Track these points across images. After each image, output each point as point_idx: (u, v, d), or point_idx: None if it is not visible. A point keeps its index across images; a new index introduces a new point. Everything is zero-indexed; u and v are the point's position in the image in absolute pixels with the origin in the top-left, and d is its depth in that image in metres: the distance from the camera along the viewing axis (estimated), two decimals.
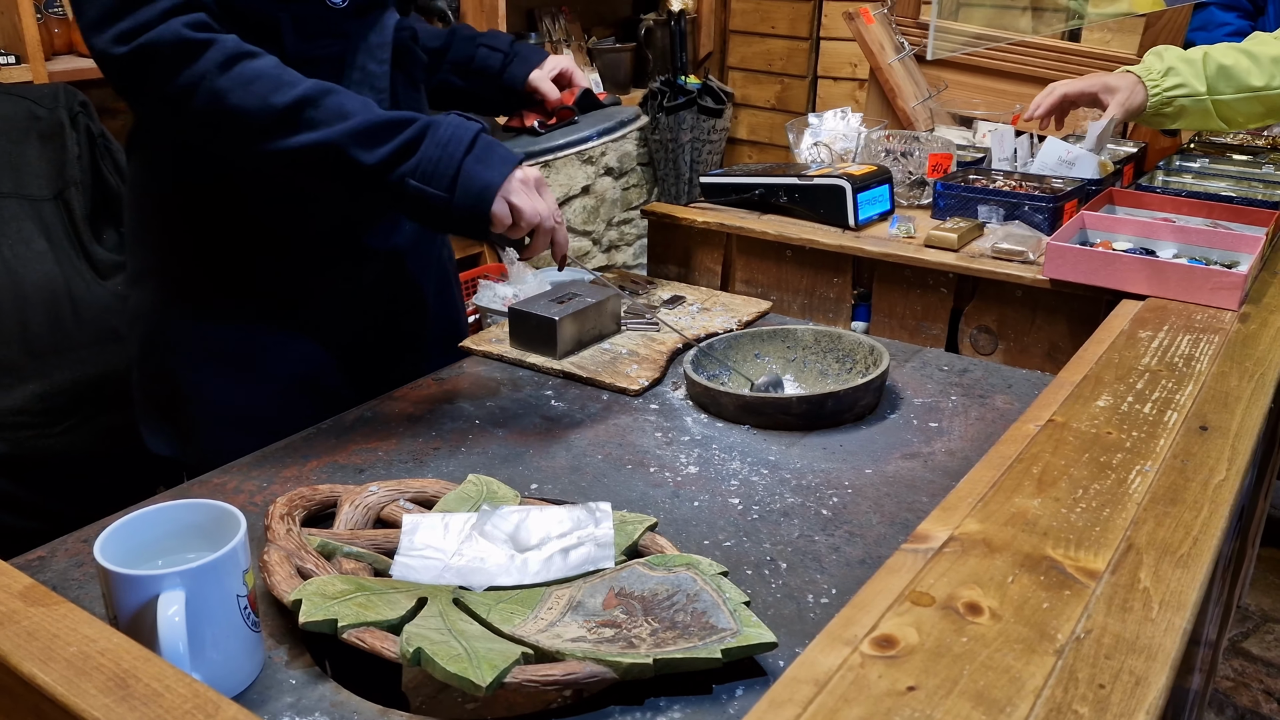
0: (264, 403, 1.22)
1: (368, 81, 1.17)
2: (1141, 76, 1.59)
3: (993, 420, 1.17)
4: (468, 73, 1.39)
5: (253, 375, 1.22)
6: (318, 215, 1.21)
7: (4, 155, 1.85)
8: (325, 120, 1.02)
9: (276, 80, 1.02)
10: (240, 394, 1.22)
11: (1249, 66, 1.51)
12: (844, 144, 1.97)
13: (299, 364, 1.24)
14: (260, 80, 1.01)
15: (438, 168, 1.04)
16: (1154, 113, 1.59)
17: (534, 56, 1.39)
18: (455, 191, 1.05)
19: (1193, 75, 1.54)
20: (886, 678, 0.64)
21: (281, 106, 1.01)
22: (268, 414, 1.21)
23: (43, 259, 1.82)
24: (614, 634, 0.75)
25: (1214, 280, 1.29)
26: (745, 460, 1.08)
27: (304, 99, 1.02)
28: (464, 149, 1.05)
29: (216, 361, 1.22)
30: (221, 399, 1.22)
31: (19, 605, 0.68)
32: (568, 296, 1.35)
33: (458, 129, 1.06)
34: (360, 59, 1.16)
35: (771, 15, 4.13)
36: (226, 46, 1.01)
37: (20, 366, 1.69)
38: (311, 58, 1.12)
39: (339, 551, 0.86)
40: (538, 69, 1.38)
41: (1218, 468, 0.91)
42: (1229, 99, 1.54)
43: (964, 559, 0.77)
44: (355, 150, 1.03)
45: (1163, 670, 0.65)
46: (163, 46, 0.99)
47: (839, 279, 1.55)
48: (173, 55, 0.99)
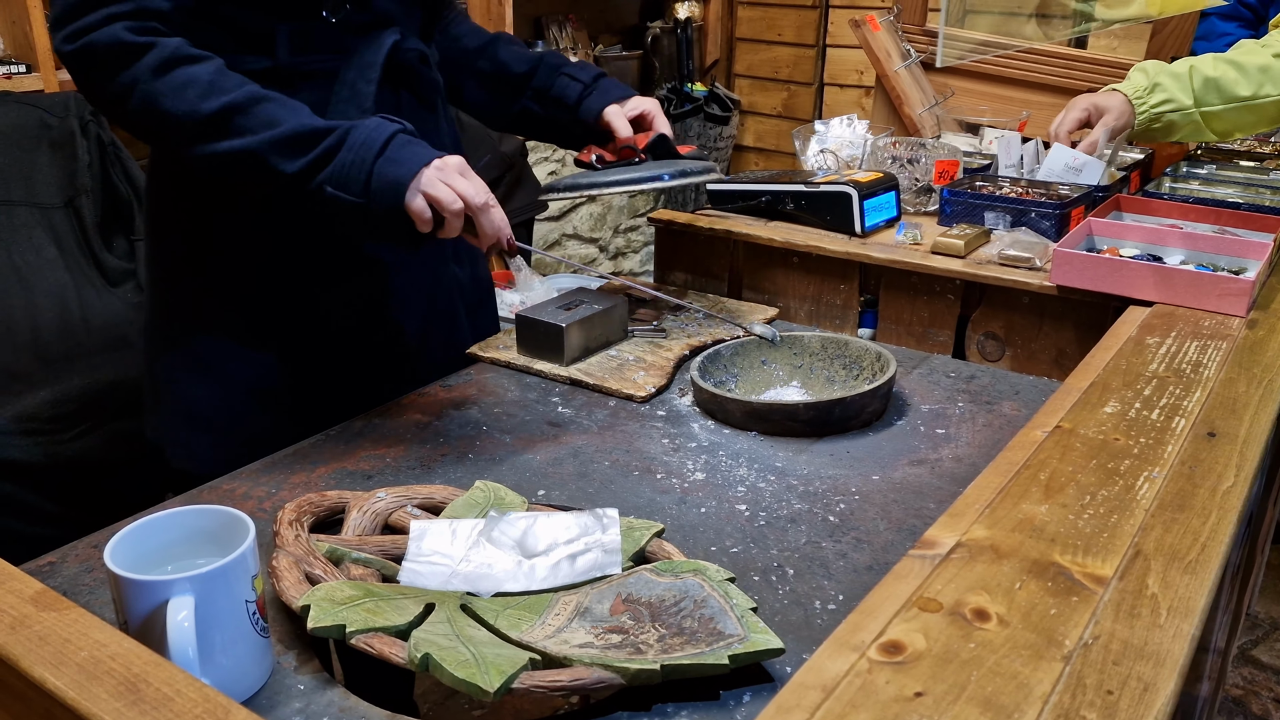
0: (222, 405, 1.23)
1: (355, 100, 1.15)
2: (1128, 95, 1.60)
3: (1000, 427, 1.17)
4: (546, 100, 1.38)
5: (214, 378, 1.23)
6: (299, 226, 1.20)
7: (15, 164, 1.86)
8: (251, 128, 1.03)
9: (209, 86, 1.02)
10: (202, 394, 1.23)
11: (1236, 77, 1.51)
12: (850, 151, 1.97)
13: (261, 371, 1.23)
14: (193, 85, 1.02)
15: (350, 172, 1.03)
16: (1143, 129, 1.59)
17: (615, 91, 1.38)
18: (370, 195, 1.03)
19: (1179, 90, 1.54)
20: (894, 683, 0.64)
21: (208, 112, 1.02)
22: (224, 417, 1.23)
23: (53, 266, 1.83)
24: (621, 640, 0.76)
25: (1221, 286, 1.29)
26: (752, 466, 1.08)
27: (232, 106, 1.02)
28: (375, 151, 1.04)
29: (182, 359, 1.24)
30: (184, 397, 1.24)
31: (30, 610, 0.68)
32: (575, 304, 1.35)
33: (372, 132, 1.04)
34: (350, 75, 1.15)
35: (778, 23, 4.14)
36: (165, 50, 1.02)
37: (31, 373, 1.70)
38: (304, 71, 1.13)
39: (347, 557, 0.86)
40: (616, 104, 1.37)
41: (1226, 474, 0.91)
42: (1218, 110, 1.54)
43: (971, 565, 0.77)
44: (275, 158, 1.03)
45: (1171, 676, 0.65)
46: (100, 48, 1.01)
47: (845, 286, 1.55)
48: (110, 57, 1.02)
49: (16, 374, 1.69)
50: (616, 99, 1.37)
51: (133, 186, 2.04)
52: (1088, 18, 2.36)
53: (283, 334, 1.23)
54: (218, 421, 1.23)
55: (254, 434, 1.19)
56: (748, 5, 4.21)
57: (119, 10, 1.01)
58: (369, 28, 1.16)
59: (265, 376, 1.23)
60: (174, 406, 1.25)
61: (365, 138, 1.04)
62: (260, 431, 1.19)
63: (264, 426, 1.21)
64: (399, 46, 1.18)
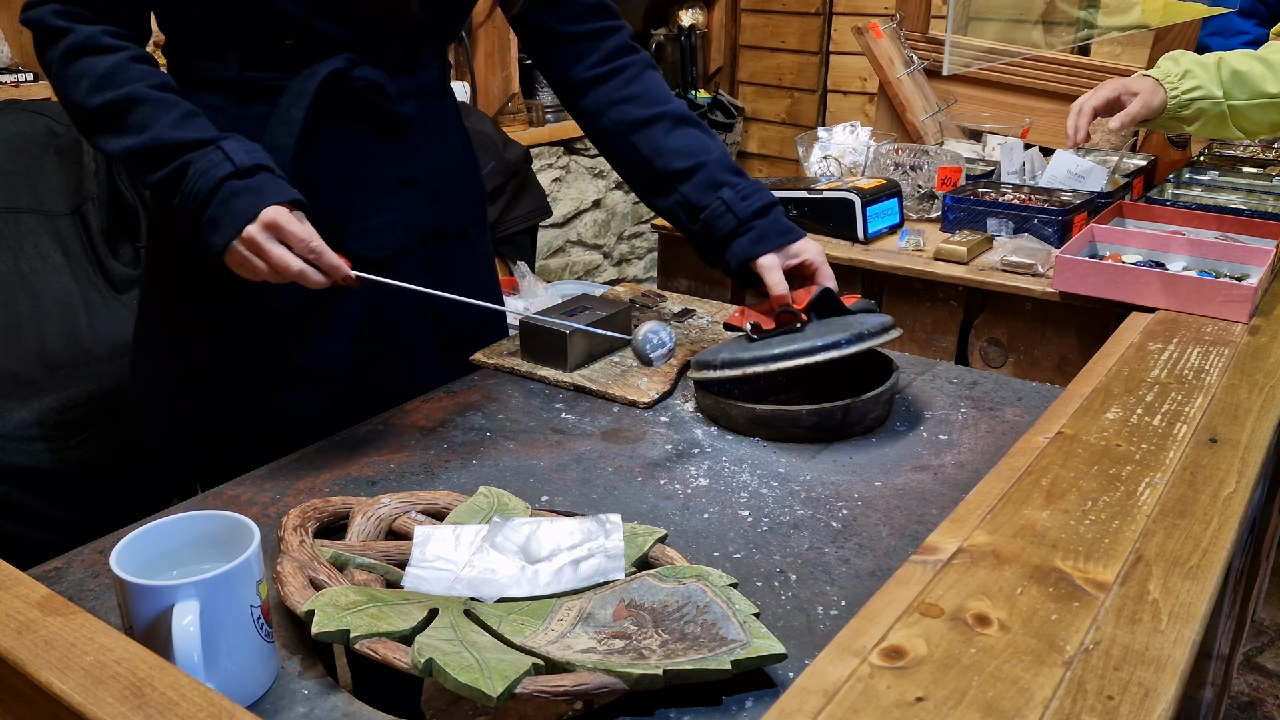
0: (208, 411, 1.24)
1: (284, 126, 1.12)
2: (1160, 79, 1.58)
3: (1003, 433, 1.18)
4: (693, 215, 1.26)
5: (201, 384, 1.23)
6: None
7: (22, 171, 1.87)
8: (124, 130, 1.04)
9: (101, 80, 1.04)
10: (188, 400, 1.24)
11: (1264, 73, 1.51)
12: (853, 158, 1.98)
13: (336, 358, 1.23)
14: (87, 77, 1.04)
15: (185, 217, 1.04)
16: (1172, 115, 1.58)
17: (772, 237, 1.22)
18: (202, 242, 1.04)
19: (1209, 79, 1.54)
20: (895, 688, 0.64)
21: (91, 107, 1.04)
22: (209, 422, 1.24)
23: (59, 273, 1.84)
24: (624, 645, 0.76)
25: (1224, 293, 1.30)
26: (755, 472, 1.09)
27: (113, 104, 1.03)
28: (201, 202, 1.02)
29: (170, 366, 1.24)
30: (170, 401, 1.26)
31: (37, 615, 0.68)
32: (578, 309, 1.35)
33: (202, 178, 1.02)
34: (285, 100, 1.13)
35: (781, 30, 4.15)
36: (77, 37, 1.04)
37: (37, 380, 1.71)
38: (256, 85, 1.13)
39: (351, 563, 0.87)
40: (773, 253, 1.22)
41: (1227, 480, 0.91)
42: (1243, 105, 1.54)
43: (973, 570, 0.77)
44: (139, 168, 1.05)
45: (1172, 682, 0.65)
46: (34, 27, 1.06)
47: (848, 292, 1.56)
48: (38, 38, 1.07)
49: (23, 380, 1.70)
50: (774, 247, 1.22)
51: (139, 194, 2.05)
52: (1090, 25, 2.36)
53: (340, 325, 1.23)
54: (204, 427, 1.24)
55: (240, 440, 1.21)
56: (751, 12, 4.22)
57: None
58: (317, 54, 1.12)
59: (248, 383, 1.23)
60: (160, 409, 1.26)
61: (195, 184, 1.03)
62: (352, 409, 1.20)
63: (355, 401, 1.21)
64: (345, 74, 1.13)
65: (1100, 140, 2.18)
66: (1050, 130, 2.28)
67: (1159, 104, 1.57)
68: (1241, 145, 2.20)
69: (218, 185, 1.02)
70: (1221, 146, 2.19)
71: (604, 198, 3.91)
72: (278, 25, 1.10)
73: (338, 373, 1.25)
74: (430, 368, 1.32)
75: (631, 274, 4.12)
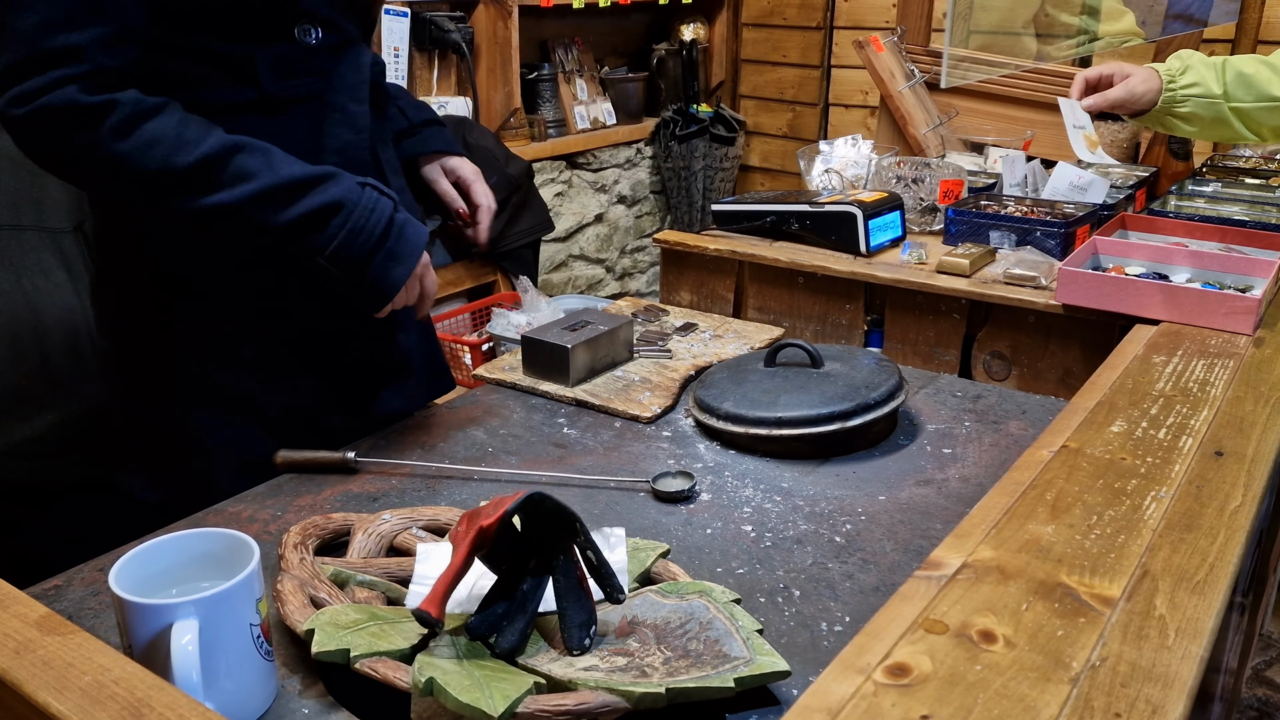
0: (258, 444, 1.17)
1: (348, 122, 1.15)
2: (1159, 71, 1.57)
3: (1007, 446, 1.17)
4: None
5: (249, 416, 1.19)
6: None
7: (25, 188, 1.87)
8: (229, 181, 1.01)
9: (178, 140, 1.00)
10: (235, 436, 1.19)
11: (1270, 76, 1.50)
12: (855, 171, 1.98)
13: (290, 402, 1.20)
14: (161, 142, 0.99)
15: (348, 254, 1.06)
16: (1165, 110, 1.56)
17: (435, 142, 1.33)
18: (362, 281, 1.08)
19: (1210, 78, 1.53)
20: (900, 706, 0.64)
21: (183, 168, 1.00)
22: (263, 454, 1.16)
23: (62, 290, 1.84)
24: (626, 663, 0.75)
25: (1228, 305, 1.29)
26: (758, 487, 1.08)
27: (206, 159, 1.00)
28: (376, 238, 1.07)
29: (214, 403, 1.19)
30: (220, 442, 1.19)
31: (35, 634, 0.68)
32: (580, 324, 1.35)
33: (371, 215, 1.06)
34: (339, 99, 1.14)
35: (783, 44, 4.16)
36: (125, 109, 0.98)
37: (40, 396, 1.71)
38: (290, 96, 1.12)
39: (352, 580, 0.86)
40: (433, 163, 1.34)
41: (1234, 493, 0.90)
42: (1248, 107, 1.52)
43: (977, 586, 0.77)
44: (261, 214, 1.03)
45: (1180, 698, 0.65)
46: (55, 111, 0.96)
47: (851, 305, 1.55)
48: (66, 120, 0.97)
49: (24, 397, 1.70)
50: (433, 149, 1.33)
51: None
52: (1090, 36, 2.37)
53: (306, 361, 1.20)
54: (260, 457, 1.17)
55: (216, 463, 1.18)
56: (752, 27, 4.23)
57: (72, 73, 0.96)
58: (343, 47, 1.15)
59: (296, 405, 1.20)
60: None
61: (365, 222, 1.06)
62: (224, 461, 1.17)
63: (228, 457, 1.18)
64: (372, 61, 1.18)
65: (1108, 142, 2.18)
66: (1052, 142, 2.28)
67: (1147, 96, 1.54)
68: (1244, 157, 2.20)
69: (390, 219, 1.08)
70: (1224, 158, 2.19)
71: (606, 212, 3.92)
72: (300, 24, 1.10)
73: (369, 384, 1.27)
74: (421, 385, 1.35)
75: (634, 288, 4.12)
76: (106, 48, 0.97)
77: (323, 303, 1.16)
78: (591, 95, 3.79)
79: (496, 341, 2.76)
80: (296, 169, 1.05)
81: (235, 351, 1.17)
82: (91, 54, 0.96)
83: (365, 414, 1.25)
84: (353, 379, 1.24)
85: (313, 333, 1.19)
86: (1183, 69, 1.55)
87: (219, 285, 1.16)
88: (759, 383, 1.20)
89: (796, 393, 1.16)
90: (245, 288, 1.16)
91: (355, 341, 1.22)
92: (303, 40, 1.10)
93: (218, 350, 1.17)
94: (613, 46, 4.06)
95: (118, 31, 0.98)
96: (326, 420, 1.22)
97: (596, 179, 3.84)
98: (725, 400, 1.17)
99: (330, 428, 1.22)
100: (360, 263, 1.07)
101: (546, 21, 3.67)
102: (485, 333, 2.82)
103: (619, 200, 3.97)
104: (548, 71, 3.62)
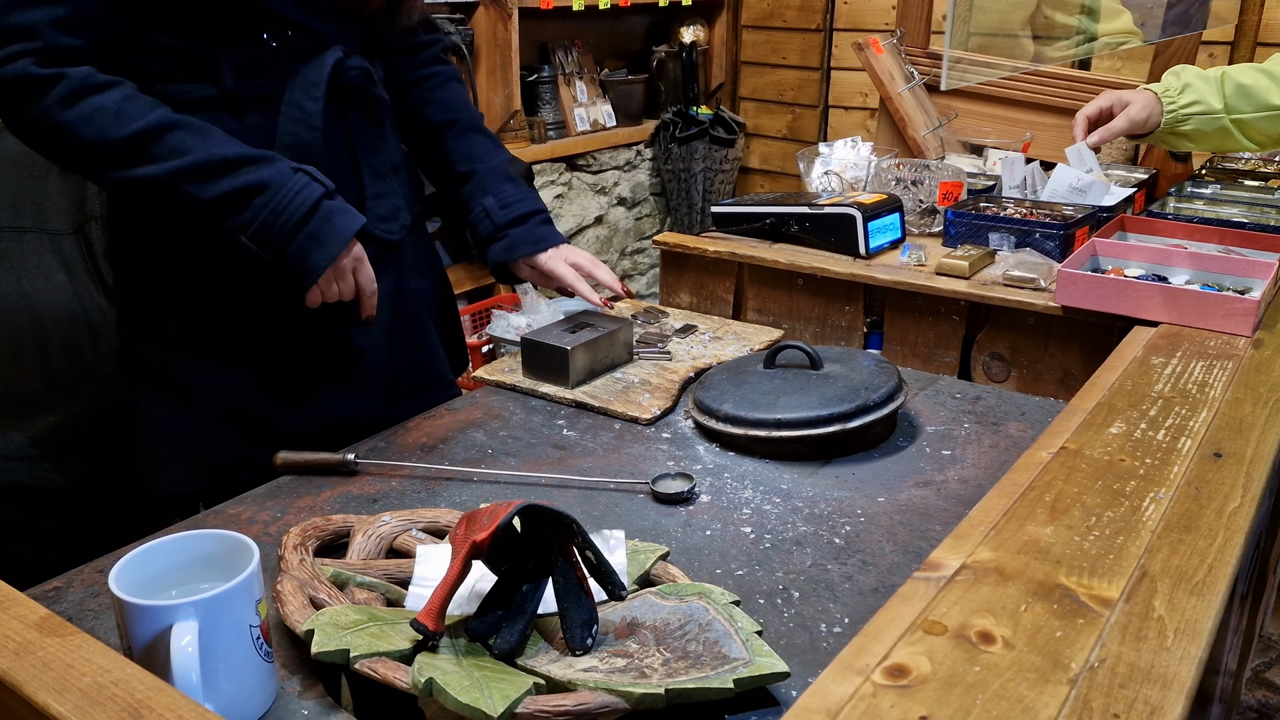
0: (195, 431, 1.23)
1: (303, 120, 1.16)
2: (1158, 94, 1.58)
3: (1006, 448, 1.17)
4: (465, 219, 1.39)
5: (185, 403, 1.23)
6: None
7: (26, 190, 1.87)
8: (163, 154, 1.06)
9: (118, 114, 1.05)
10: (175, 422, 1.23)
11: (1269, 85, 1.50)
12: (854, 173, 1.98)
13: (231, 393, 1.23)
14: (102, 114, 1.05)
15: (268, 234, 1.09)
16: (1169, 130, 1.57)
17: (524, 245, 1.35)
18: (282, 260, 1.10)
19: (1210, 93, 1.53)
20: (899, 707, 0.64)
21: (118, 140, 1.05)
22: (197, 441, 1.23)
23: (62, 292, 1.84)
24: (626, 664, 0.75)
25: (1227, 306, 1.29)
26: (757, 489, 1.08)
27: (142, 133, 1.05)
28: (296, 222, 1.09)
29: (153, 388, 1.24)
30: (157, 426, 1.24)
31: (35, 635, 0.68)
32: (580, 326, 1.35)
33: (295, 197, 1.09)
34: (295, 95, 1.16)
35: (782, 46, 4.16)
36: (73, 81, 1.05)
37: (40, 399, 1.71)
38: (250, 96, 1.15)
39: (352, 581, 0.86)
40: (522, 261, 1.36)
41: (1232, 494, 0.90)
42: (1249, 118, 1.53)
43: (976, 587, 0.77)
44: (190, 186, 1.07)
45: (1178, 700, 0.65)
46: (11, 81, 1.04)
47: (851, 307, 1.56)
48: (18, 91, 1.04)
49: (25, 399, 1.70)
50: (523, 254, 1.35)
51: None
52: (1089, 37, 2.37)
53: (250, 353, 1.22)
54: (194, 444, 1.23)
55: (231, 455, 1.21)
56: (752, 29, 4.24)
57: (27, 47, 1.03)
58: (311, 51, 1.17)
59: (236, 397, 1.23)
60: (151, 432, 1.25)
61: (289, 201, 1.08)
62: (236, 452, 1.21)
63: (240, 447, 1.21)
64: (341, 65, 1.18)
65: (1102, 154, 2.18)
66: (1051, 144, 2.28)
67: (1150, 121, 1.56)
68: (1243, 158, 2.20)
69: (316, 203, 1.10)
70: (1223, 160, 2.19)
71: (606, 214, 3.92)
72: (270, 28, 1.13)
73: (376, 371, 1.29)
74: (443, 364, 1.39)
75: (634, 289, 4.12)
76: (62, 26, 1.04)
77: (253, 290, 1.19)
78: (591, 97, 3.80)
79: (496, 343, 2.76)
80: (230, 149, 1.08)
81: (170, 334, 1.23)
82: (46, 32, 1.04)
83: (304, 411, 1.24)
84: (285, 372, 1.24)
85: (243, 320, 1.21)
86: (1181, 88, 1.55)
87: (157, 268, 1.21)
88: (758, 384, 1.20)
89: (796, 394, 1.16)
90: (179, 271, 1.20)
91: (287, 332, 1.22)
92: (270, 43, 1.13)
93: (157, 334, 1.23)
94: (612, 48, 4.06)
95: (72, 14, 1.05)
96: (259, 412, 1.23)
97: (596, 181, 3.84)
98: (725, 402, 1.17)
99: (266, 422, 1.23)
100: (280, 244, 1.09)
101: (546, 23, 3.68)
102: (485, 334, 2.82)
103: (619, 202, 3.98)
104: (547, 73, 3.63)
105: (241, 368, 1.22)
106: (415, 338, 1.35)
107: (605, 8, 3.61)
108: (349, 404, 1.26)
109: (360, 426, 1.23)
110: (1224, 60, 3.28)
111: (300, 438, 1.17)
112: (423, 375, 1.34)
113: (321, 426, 1.22)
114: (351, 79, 1.19)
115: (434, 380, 1.36)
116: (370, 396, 1.28)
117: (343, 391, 1.26)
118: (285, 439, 1.15)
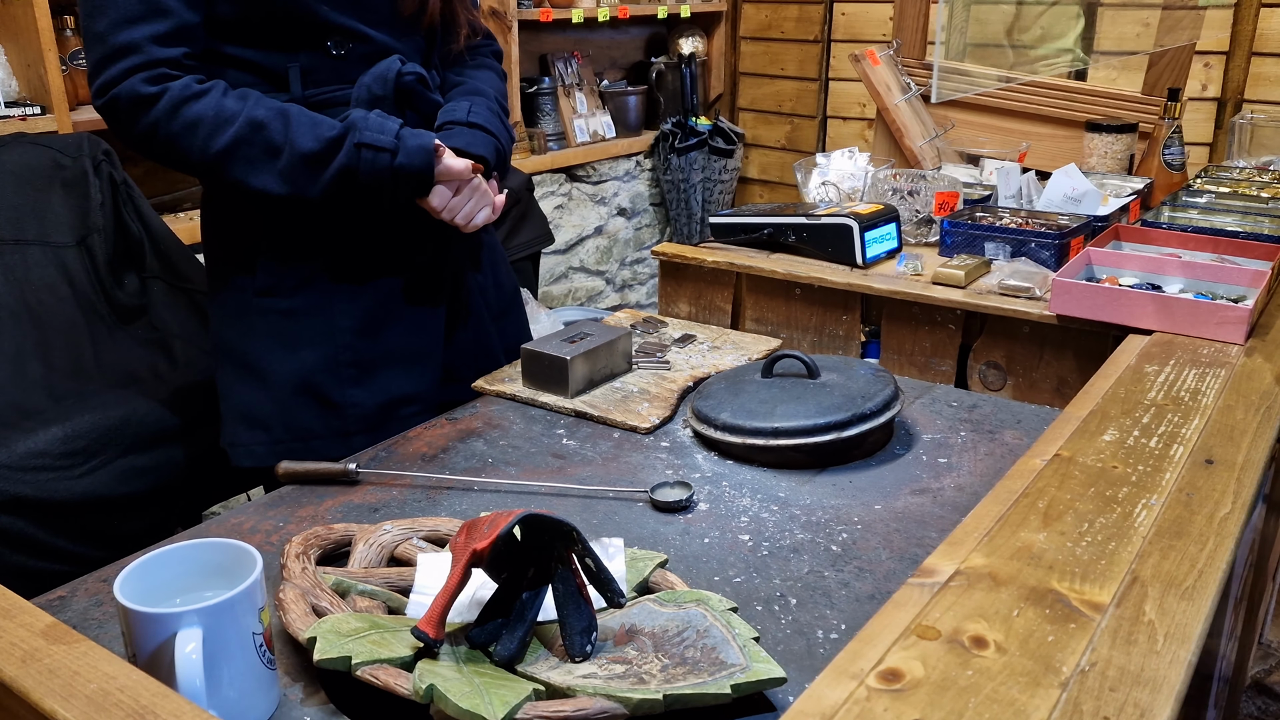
0: (270, 406, 1.32)
1: (370, 100, 1.25)
2: None
3: (1002, 455, 1.18)
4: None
5: (261, 381, 1.32)
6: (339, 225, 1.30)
7: (29, 203, 1.89)
8: (258, 158, 1.17)
9: (214, 123, 1.15)
10: (253, 399, 1.32)
11: None
12: (851, 183, 2.00)
13: (303, 370, 1.31)
14: (200, 125, 1.15)
15: (375, 179, 1.19)
16: None
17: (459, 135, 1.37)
18: (398, 153, 1.19)
19: None
20: (892, 711, 0.65)
21: (215, 152, 1.16)
22: (273, 416, 1.31)
23: (65, 304, 1.85)
24: (625, 670, 0.76)
25: (1220, 314, 1.30)
26: (755, 497, 1.09)
27: (236, 141, 1.15)
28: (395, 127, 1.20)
29: (234, 368, 1.33)
30: (237, 403, 1.34)
31: (41, 643, 0.69)
32: (579, 336, 1.36)
33: (381, 132, 1.19)
34: (362, 92, 1.25)
35: (780, 57, 4.18)
36: (173, 95, 1.14)
37: (42, 410, 1.72)
38: (316, 102, 1.24)
39: (353, 589, 0.87)
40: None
41: (1223, 501, 0.91)
42: None
43: (970, 592, 0.78)
44: (296, 185, 1.18)
45: (1168, 703, 0.66)
46: (122, 100, 1.14)
47: (848, 316, 1.57)
48: (130, 108, 1.14)
49: (28, 411, 1.71)
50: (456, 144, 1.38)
51: (144, 225, 2.07)
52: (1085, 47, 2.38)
53: (321, 338, 1.31)
54: (270, 420, 1.32)
55: (303, 428, 1.31)
56: (751, 40, 4.26)
57: (134, 63, 1.13)
58: (372, 58, 1.26)
59: (307, 375, 1.31)
60: (232, 410, 1.35)
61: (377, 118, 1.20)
62: (308, 426, 1.31)
63: (311, 421, 1.31)
64: (401, 72, 1.26)
65: (1096, 164, 2.19)
66: (1047, 154, 2.30)
67: None
68: (1237, 168, 2.21)
69: (397, 134, 1.20)
70: (1217, 169, 2.20)
71: (606, 224, 3.94)
72: (333, 38, 1.22)
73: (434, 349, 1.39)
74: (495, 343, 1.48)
75: (634, 299, 4.13)
76: (162, 41, 1.14)
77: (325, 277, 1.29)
78: (591, 108, 3.82)
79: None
80: (310, 142, 1.17)
81: (249, 319, 1.31)
82: (149, 48, 1.13)
83: (368, 389, 1.33)
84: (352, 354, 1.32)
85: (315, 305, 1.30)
86: None
87: (239, 257, 1.31)
88: (756, 393, 1.21)
89: (793, 403, 1.17)
90: (258, 259, 1.29)
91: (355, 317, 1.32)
92: (335, 52, 1.23)
93: (234, 309, 1.32)
94: (612, 60, 4.08)
95: (172, 29, 1.14)
96: (328, 390, 1.32)
97: (596, 191, 3.86)
98: (723, 411, 1.18)
99: (335, 399, 1.32)
100: (382, 178, 1.19)
101: (546, 36, 3.70)
102: None
103: (619, 212, 3.99)
104: (547, 85, 3.65)
105: (314, 350, 1.31)
106: (472, 324, 1.45)
107: (605, 20, 3.64)
108: (409, 382, 1.36)
109: (419, 403, 1.35)
110: (1220, 70, 3.30)
111: (366, 415, 1.30)
112: (478, 359, 1.45)
113: (384, 403, 1.33)
114: (407, 84, 1.27)
115: (489, 364, 1.46)
116: (429, 377, 1.38)
117: (404, 371, 1.36)
118: (352, 416, 1.28)
